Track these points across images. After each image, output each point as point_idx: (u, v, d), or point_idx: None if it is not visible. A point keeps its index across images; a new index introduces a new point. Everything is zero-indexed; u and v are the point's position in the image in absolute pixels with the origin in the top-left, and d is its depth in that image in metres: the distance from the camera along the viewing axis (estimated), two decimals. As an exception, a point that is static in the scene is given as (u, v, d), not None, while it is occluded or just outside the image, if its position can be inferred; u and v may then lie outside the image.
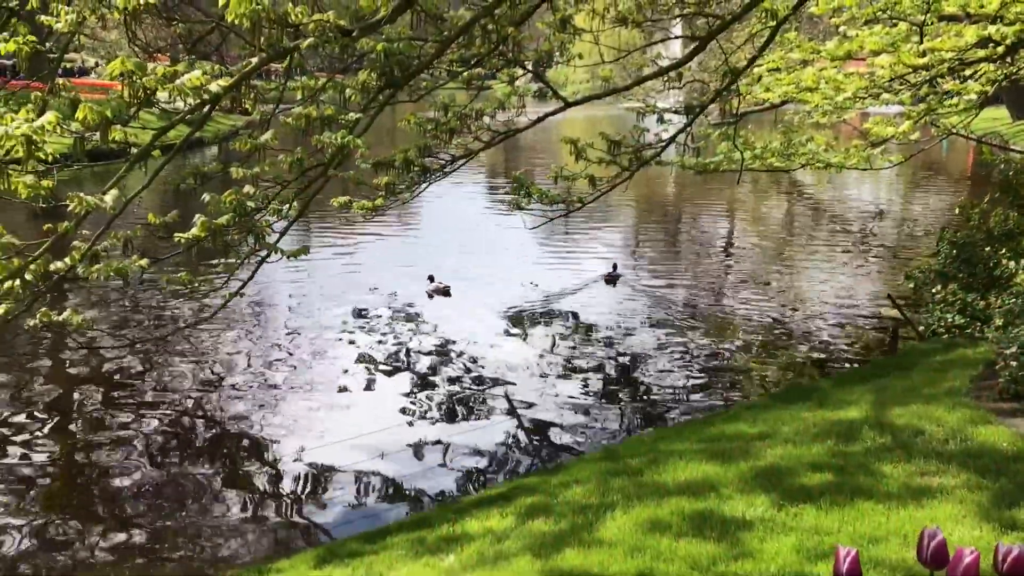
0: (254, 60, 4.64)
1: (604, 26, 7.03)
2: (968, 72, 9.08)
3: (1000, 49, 8.24)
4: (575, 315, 11.50)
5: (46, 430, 7.77)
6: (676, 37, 9.56)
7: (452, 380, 9.11)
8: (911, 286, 9.83)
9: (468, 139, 7.12)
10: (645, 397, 8.75)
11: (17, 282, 4.72)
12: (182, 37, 7.98)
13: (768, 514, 4.45)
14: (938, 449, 5.23)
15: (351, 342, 10.26)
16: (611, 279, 13.04)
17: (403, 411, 8.28)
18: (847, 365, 9.51)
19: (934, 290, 9.09)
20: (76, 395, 8.58)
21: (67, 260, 5.02)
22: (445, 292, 12.21)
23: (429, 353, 9.92)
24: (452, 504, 6.18)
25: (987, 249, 8.82)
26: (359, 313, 11.37)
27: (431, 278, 12.41)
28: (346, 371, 9.31)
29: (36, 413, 8.10)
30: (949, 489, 4.61)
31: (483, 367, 9.49)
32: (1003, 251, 8.50)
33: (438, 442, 7.59)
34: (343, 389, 8.82)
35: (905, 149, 12.97)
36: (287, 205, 6.07)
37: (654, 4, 7.35)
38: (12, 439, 7.53)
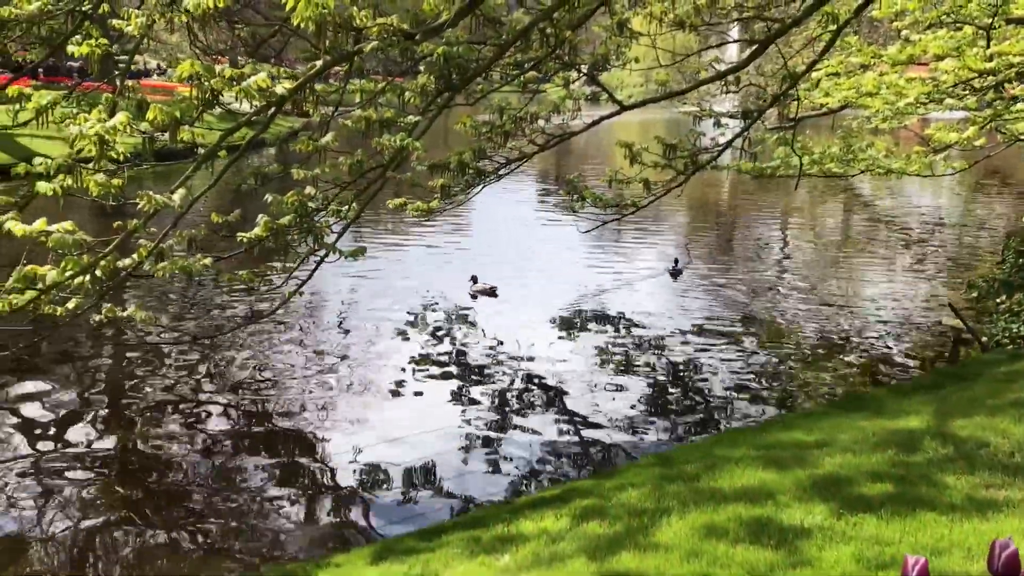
0: (318, 63, 4.72)
1: (661, 30, 6.99)
2: (1036, 77, 8.87)
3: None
4: (626, 318, 11.45)
5: (104, 424, 7.96)
6: (734, 41, 9.48)
7: (503, 381, 9.14)
8: (974, 295, 9.62)
9: (522, 142, 7.15)
10: (699, 402, 8.67)
11: (87, 278, 4.86)
12: (244, 40, 8.14)
13: (827, 522, 4.39)
14: (1004, 462, 5.09)
15: (403, 341, 10.36)
16: (675, 273, 13.54)
17: (454, 412, 8.32)
18: (906, 374, 9.32)
19: (998, 300, 8.89)
20: (134, 390, 8.78)
21: (134, 257, 5.15)
22: (491, 293, 12.20)
23: (480, 354, 9.96)
24: (506, 504, 6.20)
25: (1054, 258, 8.61)
26: (410, 313, 11.46)
27: (474, 279, 12.40)
28: (398, 371, 9.38)
29: (95, 407, 8.31)
30: (1015, 503, 4.49)
31: (534, 369, 9.50)
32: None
33: (489, 443, 7.62)
34: (395, 388, 8.89)
35: (968, 155, 12.69)
36: (346, 206, 6.17)
37: (713, 7, 7.30)
38: (72, 431, 7.74)
